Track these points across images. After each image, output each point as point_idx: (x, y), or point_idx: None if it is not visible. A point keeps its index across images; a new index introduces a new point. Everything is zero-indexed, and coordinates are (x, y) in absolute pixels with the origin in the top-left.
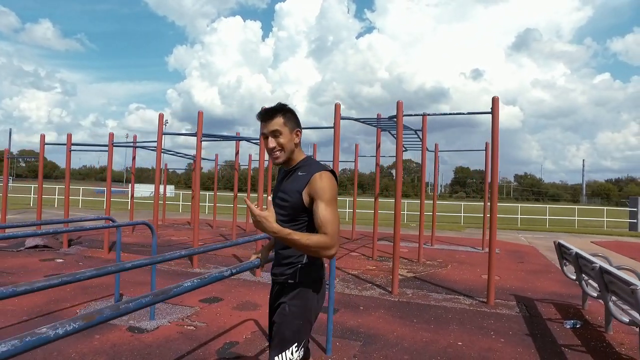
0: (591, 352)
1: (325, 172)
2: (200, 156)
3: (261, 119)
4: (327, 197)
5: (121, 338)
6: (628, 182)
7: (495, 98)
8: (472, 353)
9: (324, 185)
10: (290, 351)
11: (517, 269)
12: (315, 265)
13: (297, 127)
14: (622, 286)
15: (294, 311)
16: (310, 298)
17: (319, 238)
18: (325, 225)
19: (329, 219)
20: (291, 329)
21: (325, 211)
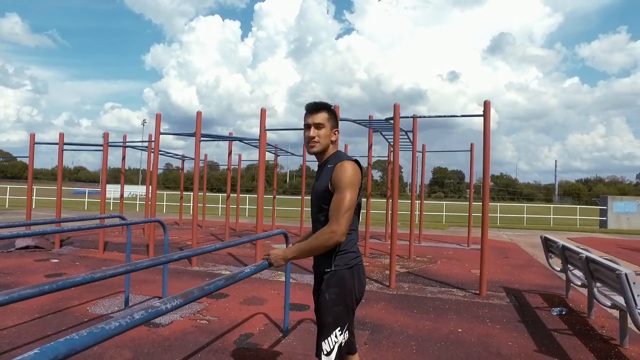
0: (577, 334)
1: (347, 161)
2: (199, 157)
3: (309, 110)
4: (342, 185)
5: (139, 332)
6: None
7: (487, 101)
8: (472, 338)
9: (341, 173)
10: (334, 335)
11: (503, 263)
12: (348, 252)
13: (337, 127)
14: (607, 272)
15: (333, 298)
16: (347, 284)
17: (317, 239)
18: (332, 214)
19: (335, 207)
20: (332, 315)
21: (336, 199)
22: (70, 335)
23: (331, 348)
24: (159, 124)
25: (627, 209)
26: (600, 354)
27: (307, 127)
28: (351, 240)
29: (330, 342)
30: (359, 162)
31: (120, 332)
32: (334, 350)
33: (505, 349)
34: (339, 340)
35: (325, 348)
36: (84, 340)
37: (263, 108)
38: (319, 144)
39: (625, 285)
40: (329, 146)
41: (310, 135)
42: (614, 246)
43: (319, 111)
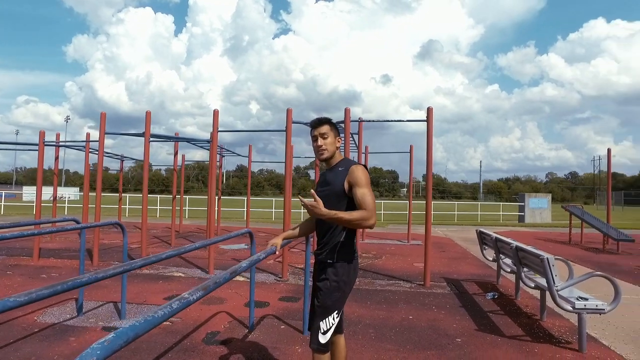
0: (507, 314)
1: (359, 165)
2: (148, 158)
3: (313, 125)
4: (363, 183)
5: (100, 338)
6: (515, 181)
7: (430, 108)
8: (423, 323)
9: (360, 174)
10: (332, 317)
11: (441, 257)
12: (348, 246)
13: (339, 135)
14: (533, 258)
15: (335, 285)
16: (345, 274)
17: (359, 213)
18: (364, 202)
19: (366, 198)
20: (332, 300)
21: (363, 193)
22: (133, 322)
23: (328, 328)
24: (104, 124)
25: (540, 205)
26: (526, 328)
27: (314, 139)
28: (353, 238)
29: (327, 323)
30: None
31: (166, 318)
32: (330, 330)
33: (451, 330)
34: (335, 322)
35: (323, 327)
36: (143, 326)
37: (215, 109)
38: (327, 151)
39: (547, 268)
40: (335, 152)
41: (319, 144)
42: (532, 238)
43: (322, 124)
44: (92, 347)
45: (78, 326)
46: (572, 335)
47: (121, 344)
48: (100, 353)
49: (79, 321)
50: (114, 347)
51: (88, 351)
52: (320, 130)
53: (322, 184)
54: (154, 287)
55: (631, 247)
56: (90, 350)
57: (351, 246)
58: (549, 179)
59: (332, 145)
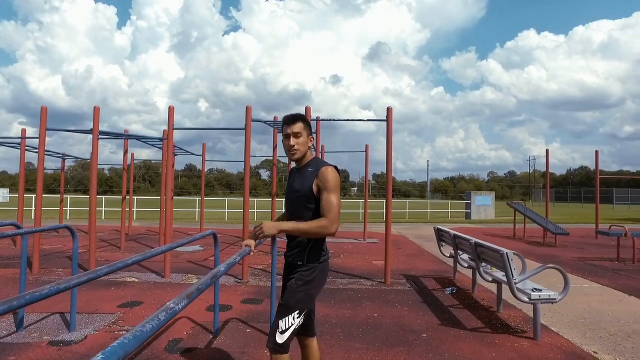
0: (466, 307)
1: (329, 166)
2: (96, 156)
3: (286, 121)
4: (330, 186)
5: (47, 354)
6: (459, 180)
7: (389, 108)
8: (388, 320)
9: (329, 177)
10: (292, 316)
11: (398, 254)
12: (317, 249)
13: (311, 134)
14: (491, 253)
15: (299, 284)
16: (312, 275)
17: (317, 222)
18: (327, 209)
19: (331, 205)
20: (294, 299)
21: (328, 198)
22: (121, 339)
23: (286, 327)
24: (45, 119)
25: (485, 202)
26: (485, 320)
27: (286, 136)
28: (323, 239)
29: (287, 322)
30: (337, 167)
31: (155, 331)
32: (289, 330)
33: (416, 326)
34: (295, 323)
35: (282, 326)
36: (132, 342)
37: (171, 106)
38: (299, 151)
39: (506, 262)
40: (307, 152)
41: (291, 144)
42: (480, 234)
43: (296, 121)
44: None
45: (19, 343)
46: (526, 325)
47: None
48: None
49: (19, 337)
50: None
51: None
52: (293, 128)
53: (291, 188)
54: (105, 294)
55: (566, 240)
56: None
57: (320, 248)
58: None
59: (304, 145)
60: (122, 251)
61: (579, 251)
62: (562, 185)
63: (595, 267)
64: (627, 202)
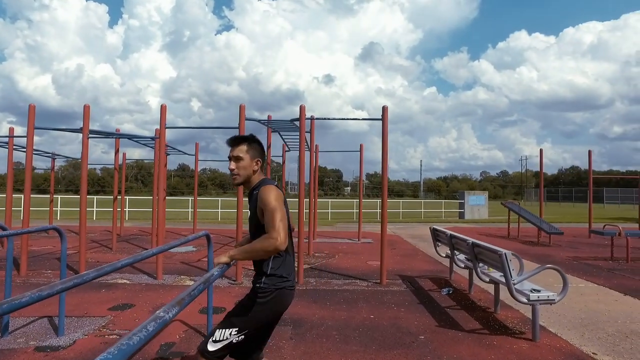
0: (463, 308)
1: (266, 186)
2: (87, 156)
3: (228, 144)
4: (268, 203)
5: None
6: (452, 179)
7: (385, 107)
8: (384, 322)
9: (264, 196)
10: (229, 331)
11: (393, 254)
12: (278, 275)
13: (259, 157)
14: (489, 254)
15: (249, 304)
16: (265, 299)
17: (260, 240)
18: (268, 227)
19: (270, 220)
20: (239, 316)
21: (267, 215)
22: (104, 355)
23: (220, 339)
24: (33, 117)
25: (478, 202)
26: (483, 321)
27: (229, 159)
28: (282, 265)
29: (222, 334)
30: (279, 185)
31: (143, 344)
32: (222, 342)
33: (413, 328)
34: (231, 339)
35: (217, 335)
36: (117, 357)
37: (163, 104)
38: (239, 177)
39: (504, 262)
40: (251, 177)
41: (230, 168)
42: (474, 233)
43: (237, 144)
44: None
45: (3, 349)
46: (524, 326)
47: None
48: None
49: (4, 343)
50: None
51: None
52: (234, 151)
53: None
54: (95, 296)
55: (560, 239)
56: None
57: (281, 274)
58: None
59: (245, 169)
60: (113, 252)
61: (573, 251)
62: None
63: (590, 266)
64: (617, 202)
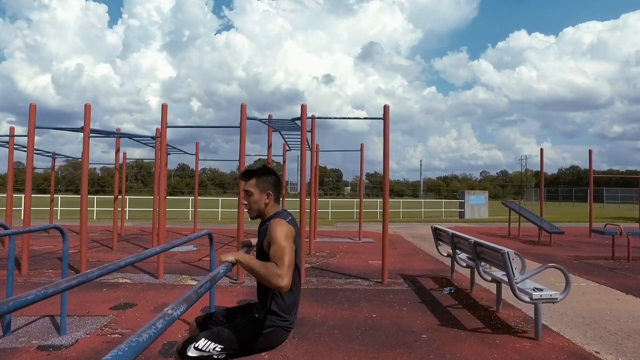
0: (465, 307)
1: (277, 219)
2: (87, 155)
3: (240, 178)
4: (276, 243)
5: (36, 359)
6: (452, 179)
7: (386, 106)
8: (387, 321)
9: (273, 231)
10: (214, 345)
11: (393, 253)
12: (280, 315)
13: (270, 189)
14: (492, 252)
15: (242, 328)
16: (258, 332)
17: (267, 269)
18: (275, 262)
19: (277, 257)
20: (228, 335)
21: (274, 251)
22: (114, 352)
23: (202, 349)
24: (34, 117)
25: (478, 202)
26: (485, 320)
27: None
28: (285, 304)
29: (206, 345)
30: (294, 219)
31: (152, 341)
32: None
33: (415, 327)
34: (212, 354)
35: (200, 344)
36: (128, 354)
37: (164, 104)
38: (252, 210)
39: (507, 261)
40: (263, 210)
41: (242, 202)
42: (475, 233)
43: (248, 178)
44: None
45: (6, 348)
46: (526, 324)
47: None
48: None
49: (6, 342)
50: None
51: None
52: (245, 186)
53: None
54: (97, 296)
55: (561, 239)
56: None
57: (281, 313)
58: (483, 177)
59: (256, 203)
60: (114, 252)
61: (574, 250)
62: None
63: (591, 265)
64: (617, 201)
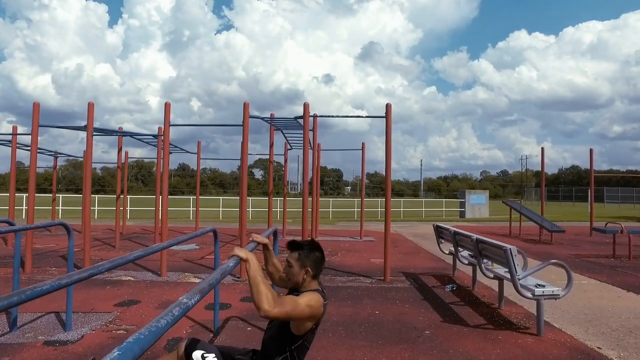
0: (467, 304)
1: (315, 292)
2: (91, 154)
3: (286, 247)
4: (300, 298)
5: (42, 354)
6: (452, 179)
7: (389, 104)
8: (389, 318)
9: (308, 295)
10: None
11: (395, 252)
12: None
13: (310, 266)
14: (495, 250)
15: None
16: None
17: (271, 291)
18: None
19: (287, 301)
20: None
21: (292, 297)
22: (136, 336)
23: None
24: (37, 115)
25: (479, 201)
26: (487, 316)
27: None
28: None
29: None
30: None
31: (169, 327)
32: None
33: (418, 324)
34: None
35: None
36: (148, 338)
37: (167, 102)
38: (289, 281)
39: (509, 258)
40: (300, 284)
41: (284, 271)
42: (476, 231)
43: (292, 251)
44: None
45: (13, 343)
46: (528, 321)
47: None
48: None
49: (13, 337)
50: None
51: None
52: (288, 257)
53: None
54: (101, 293)
55: (562, 237)
56: None
57: None
58: (483, 177)
59: (295, 276)
60: (117, 250)
61: (575, 248)
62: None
63: (592, 264)
64: (617, 201)
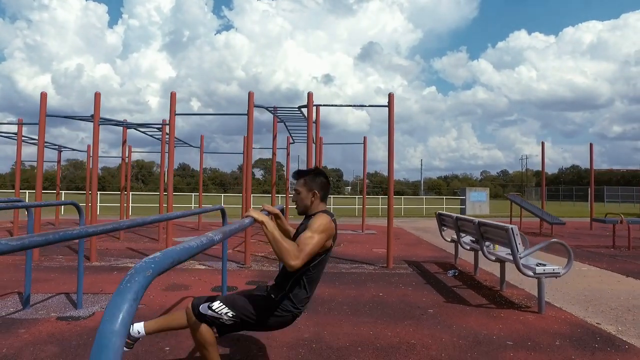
0: (469, 287)
1: (323, 214)
2: (97, 146)
3: (292, 176)
4: (312, 227)
5: (57, 328)
6: (453, 179)
7: (391, 94)
8: (393, 299)
9: (315, 219)
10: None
11: (398, 243)
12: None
13: (316, 188)
14: (497, 231)
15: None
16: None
17: (290, 245)
18: (300, 244)
19: (303, 241)
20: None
21: (304, 236)
22: (168, 250)
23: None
24: (45, 105)
25: (480, 198)
26: (489, 297)
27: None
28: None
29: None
30: (336, 220)
31: (199, 251)
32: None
33: (422, 303)
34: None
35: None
36: (180, 253)
37: (173, 92)
38: (298, 207)
39: (511, 237)
40: (309, 207)
41: (293, 200)
42: None
43: (298, 178)
44: (145, 261)
45: (27, 319)
46: (529, 301)
47: (169, 262)
48: (155, 267)
49: (26, 314)
50: (163, 264)
51: (142, 264)
52: (295, 185)
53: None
54: (108, 277)
55: (562, 230)
56: (144, 264)
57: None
58: (483, 177)
59: (303, 200)
60: (121, 241)
61: (575, 240)
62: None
63: (593, 253)
64: (617, 200)
